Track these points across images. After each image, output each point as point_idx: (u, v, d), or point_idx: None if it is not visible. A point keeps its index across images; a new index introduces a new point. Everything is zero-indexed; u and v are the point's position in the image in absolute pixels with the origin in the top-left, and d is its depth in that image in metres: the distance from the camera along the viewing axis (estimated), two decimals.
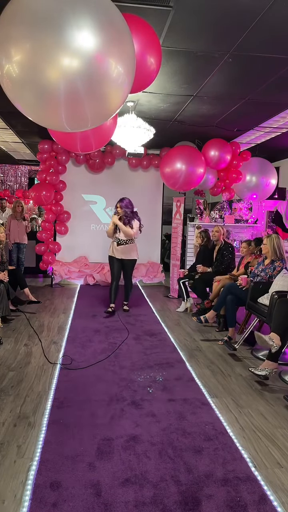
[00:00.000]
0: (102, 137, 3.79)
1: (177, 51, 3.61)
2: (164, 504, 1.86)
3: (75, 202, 7.63)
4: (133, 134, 4.54)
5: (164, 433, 2.47)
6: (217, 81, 4.25)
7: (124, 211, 5.39)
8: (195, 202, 7.70)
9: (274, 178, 6.74)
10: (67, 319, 5.11)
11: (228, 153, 6.40)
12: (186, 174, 5.81)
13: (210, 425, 2.58)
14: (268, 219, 8.15)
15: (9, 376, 3.26)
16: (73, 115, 2.39)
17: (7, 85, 2.25)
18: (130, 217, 5.42)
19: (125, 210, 5.39)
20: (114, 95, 2.39)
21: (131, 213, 5.42)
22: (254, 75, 4.07)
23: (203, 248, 5.79)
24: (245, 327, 4.49)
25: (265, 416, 2.76)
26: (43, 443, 2.32)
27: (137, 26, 2.71)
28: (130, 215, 5.41)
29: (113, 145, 7.09)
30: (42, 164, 7.21)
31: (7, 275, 4.79)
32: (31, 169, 11.93)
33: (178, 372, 3.48)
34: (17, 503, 1.84)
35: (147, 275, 7.76)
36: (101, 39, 2.12)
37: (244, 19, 3.00)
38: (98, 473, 2.06)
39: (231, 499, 1.91)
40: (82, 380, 3.21)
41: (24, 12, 2.06)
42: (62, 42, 2.04)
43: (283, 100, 4.79)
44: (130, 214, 5.41)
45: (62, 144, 4.08)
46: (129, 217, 5.41)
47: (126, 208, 5.40)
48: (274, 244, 4.06)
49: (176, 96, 4.82)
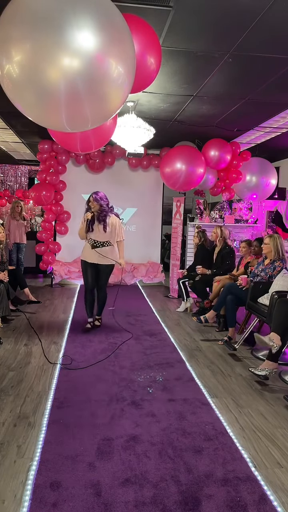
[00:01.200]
0: (102, 137, 3.79)
1: (177, 51, 3.61)
2: (164, 504, 1.86)
3: (75, 202, 7.63)
4: (133, 134, 4.54)
5: (164, 433, 2.47)
6: (217, 81, 4.25)
7: (99, 204, 4.31)
8: (195, 202, 7.71)
9: (274, 178, 6.74)
10: (67, 319, 5.11)
11: (228, 153, 6.40)
12: (186, 174, 5.81)
13: (210, 425, 2.58)
14: (268, 219, 8.15)
15: (9, 376, 3.26)
16: (73, 115, 2.39)
17: (7, 85, 2.25)
18: (106, 212, 4.35)
19: (100, 203, 4.31)
20: (114, 95, 2.39)
21: (107, 207, 4.38)
22: (254, 75, 4.07)
23: (200, 248, 5.80)
24: (245, 327, 4.49)
25: (265, 416, 2.76)
26: (43, 443, 2.32)
27: (137, 26, 2.71)
28: (106, 209, 4.36)
29: (113, 145, 7.10)
30: (42, 164, 7.21)
31: (7, 275, 4.79)
32: (31, 169, 11.92)
33: (178, 372, 3.48)
34: (17, 503, 1.84)
35: (147, 275, 7.76)
36: (101, 39, 2.12)
37: (244, 19, 3.00)
38: (98, 473, 2.06)
39: (231, 499, 1.91)
40: (82, 380, 3.21)
41: (24, 12, 2.06)
42: (62, 42, 2.04)
43: (283, 100, 4.78)
44: (107, 208, 4.37)
45: (62, 144, 4.08)
46: (105, 212, 4.34)
47: (102, 201, 4.32)
48: (277, 244, 4.06)
49: (176, 96, 4.82)
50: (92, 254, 4.39)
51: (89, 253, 4.41)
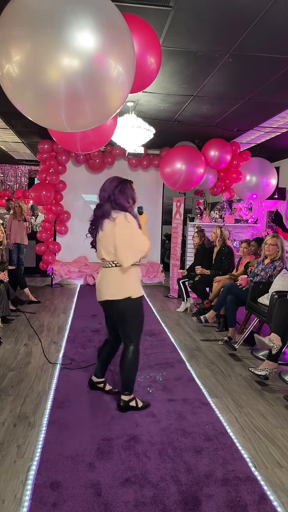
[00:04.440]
0: (102, 137, 3.79)
1: (177, 51, 3.61)
2: (164, 504, 1.86)
3: (75, 202, 7.63)
4: (133, 134, 4.54)
5: (164, 433, 2.46)
6: (217, 81, 4.25)
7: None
8: (195, 202, 7.70)
9: (274, 178, 6.73)
10: (67, 319, 5.11)
11: (228, 153, 6.40)
12: (186, 174, 5.81)
13: (210, 425, 2.58)
14: (268, 219, 8.15)
15: (9, 376, 3.26)
16: (73, 115, 2.39)
17: (7, 85, 2.25)
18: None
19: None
20: (114, 95, 2.40)
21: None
22: (254, 75, 4.07)
23: (201, 248, 5.80)
24: (245, 327, 4.49)
25: (265, 416, 2.75)
26: (43, 443, 2.31)
27: (137, 26, 2.71)
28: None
29: (113, 145, 7.09)
30: (42, 164, 7.21)
31: (7, 275, 4.79)
32: (31, 169, 11.92)
33: (178, 372, 3.48)
34: (17, 503, 1.84)
35: (147, 275, 7.76)
36: (101, 39, 2.12)
37: (244, 19, 3.00)
38: (98, 473, 2.06)
39: (231, 499, 1.91)
40: (82, 380, 3.21)
41: (24, 12, 2.06)
42: (62, 42, 2.04)
43: (283, 100, 4.78)
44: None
45: (62, 144, 4.09)
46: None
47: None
48: (283, 244, 4.09)
49: (176, 96, 4.82)
50: (97, 283, 2.79)
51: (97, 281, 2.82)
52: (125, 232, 2.54)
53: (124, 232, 2.54)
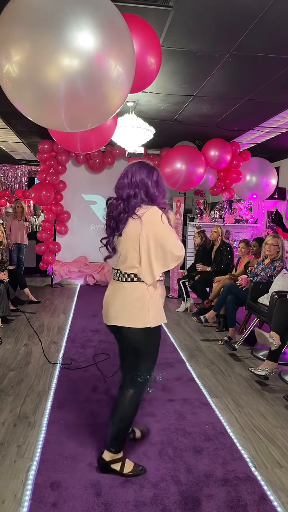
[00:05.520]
0: (102, 137, 3.79)
1: (177, 51, 3.61)
2: (164, 504, 1.86)
3: (75, 202, 7.62)
4: (133, 134, 4.54)
5: (164, 433, 2.46)
6: (217, 81, 4.25)
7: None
8: (195, 202, 7.70)
9: (274, 178, 6.73)
10: (67, 319, 5.11)
11: (228, 153, 6.39)
12: (186, 174, 5.80)
13: (210, 425, 2.58)
14: (268, 219, 8.15)
15: (9, 376, 3.26)
16: (73, 115, 2.38)
17: (7, 85, 2.25)
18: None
19: None
20: (114, 95, 2.39)
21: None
22: (254, 75, 4.07)
23: (202, 248, 5.80)
24: (245, 327, 4.49)
25: (265, 416, 2.75)
26: (43, 443, 2.31)
27: (137, 26, 2.71)
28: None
29: (113, 145, 7.09)
30: (42, 164, 7.21)
31: (7, 275, 4.79)
32: (31, 169, 11.92)
33: (178, 372, 3.48)
34: (17, 503, 1.84)
35: None
36: (101, 39, 2.12)
37: (244, 19, 3.00)
38: (98, 473, 2.06)
39: (231, 499, 1.90)
40: (82, 380, 3.21)
41: (24, 12, 2.06)
42: (62, 42, 2.04)
43: (283, 100, 4.78)
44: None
45: (62, 144, 4.08)
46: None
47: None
48: (283, 245, 4.10)
49: (176, 96, 4.82)
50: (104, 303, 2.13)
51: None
52: (158, 231, 1.89)
53: (157, 231, 1.88)
